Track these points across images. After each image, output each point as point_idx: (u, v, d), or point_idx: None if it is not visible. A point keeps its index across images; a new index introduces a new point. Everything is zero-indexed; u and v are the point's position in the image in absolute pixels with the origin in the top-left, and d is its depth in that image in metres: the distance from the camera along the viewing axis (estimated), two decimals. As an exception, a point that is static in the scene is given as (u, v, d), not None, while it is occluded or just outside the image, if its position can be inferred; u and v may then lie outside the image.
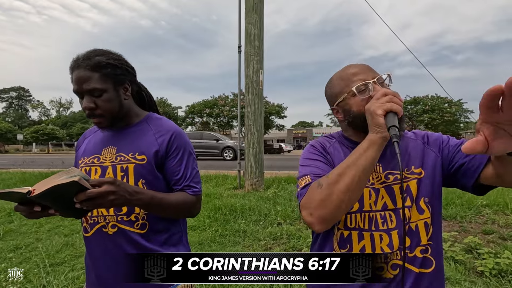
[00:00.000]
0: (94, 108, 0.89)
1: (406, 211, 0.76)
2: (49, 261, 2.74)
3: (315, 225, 0.70)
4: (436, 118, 27.16)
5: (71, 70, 0.90)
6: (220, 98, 28.78)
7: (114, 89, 0.92)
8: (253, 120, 5.35)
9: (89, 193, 0.70)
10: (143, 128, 0.99)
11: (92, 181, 0.73)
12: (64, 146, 42.78)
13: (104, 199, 0.73)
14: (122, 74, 0.93)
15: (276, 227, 3.52)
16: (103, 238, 0.92)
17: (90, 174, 0.95)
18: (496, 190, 4.48)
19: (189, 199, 0.95)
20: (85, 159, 0.98)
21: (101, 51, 0.92)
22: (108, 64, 0.90)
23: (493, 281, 2.21)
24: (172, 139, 0.96)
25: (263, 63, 5.42)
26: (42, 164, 10.62)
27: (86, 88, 0.88)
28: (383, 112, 0.67)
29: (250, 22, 5.28)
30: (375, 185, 0.79)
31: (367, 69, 0.80)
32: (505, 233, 3.10)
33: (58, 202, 0.74)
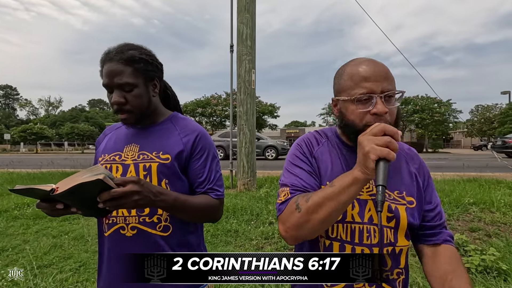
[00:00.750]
0: (124, 103, 0.88)
1: (388, 232, 0.75)
2: (36, 263, 2.68)
3: (288, 241, 0.74)
4: (426, 118, 27.61)
5: (102, 63, 0.88)
6: (212, 98, 28.66)
7: (145, 84, 0.91)
8: (245, 119, 5.35)
9: (114, 192, 0.68)
10: (168, 127, 0.97)
11: (116, 180, 0.71)
12: (53, 146, 41.96)
13: (128, 199, 0.71)
14: (152, 70, 0.92)
15: (268, 226, 3.53)
16: (120, 240, 0.89)
17: (111, 172, 0.93)
18: (483, 189, 4.59)
19: (212, 202, 0.93)
20: (106, 156, 0.96)
21: (133, 45, 0.91)
22: (141, 58, 0.89)
23: (478, 277, 2.26)
24: (198, 140, 0.94)
25: (255, 63, 5.42)
26: (30, 165, 10.40)
27: (118, 82, 0.86)
28: (375, 158, 0.61)
29: (242, 21, 5.27)
30: (363, 195, 0.77)
31: (382, 77, 0.71)
32: (491, 230, 3.18)
33: (81, 201, 0.72)
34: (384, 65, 0.73)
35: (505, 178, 5.41)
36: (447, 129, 32.06)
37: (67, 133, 36.20)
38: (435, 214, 0.82)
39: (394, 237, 0.75)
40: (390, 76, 0.72)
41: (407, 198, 0.78)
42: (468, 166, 7.18)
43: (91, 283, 2.38)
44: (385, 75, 0.71)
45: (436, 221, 0.82)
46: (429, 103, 28.02)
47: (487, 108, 42.59)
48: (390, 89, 0.70)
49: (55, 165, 9.48)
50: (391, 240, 0.75)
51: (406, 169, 0.82)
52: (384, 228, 0.75)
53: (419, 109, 28.15)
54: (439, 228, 0.82)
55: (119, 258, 0.90)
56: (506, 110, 31.39)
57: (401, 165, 0.82)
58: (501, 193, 4.26)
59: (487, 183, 4.99)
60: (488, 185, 4.81)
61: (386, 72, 0.72)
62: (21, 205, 4.64)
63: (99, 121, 54.28)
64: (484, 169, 6.55)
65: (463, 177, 5.52)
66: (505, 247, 2.73)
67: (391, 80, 0.72)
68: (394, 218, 0.75)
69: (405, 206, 0.77)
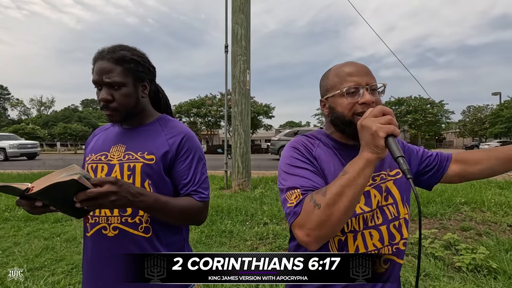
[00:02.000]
0: (111, 100, 0.89)
1: (391, 208, 0.82)
2: (27, 266, 2.64)
3: (311, 244, 0.67)
4: (419, 118, 27.96)
5: (94, 60, 0.90)
6: (207, 98, 28.58)
7: (134, 84, 0.92)
8: (240, 120, 5.35)
9: (89, 192, 0.68)
10: (154, 128, 0.97)
11: (93, 180, 0.70)
12: (45, 146, 41.34)
13: (105, 199, 0.70)
14: (143, 71, 0.94)
15: (262, 227, 3.53)
16: (102, 240, 0.89)
17: (97, 172, 0.93)
18: (474, 188, 4.66)
19: (195, 205, 0.91)
20: (92, 156, 0.96)
21: (127, 46, 0.93)
22: (131, 59, 0.90)
23: (469, 275, 2.30)
24: (184, 141, 0.94)
25: (250, 63, 5.42)
26: (21, 165, 10.23)
27: (106, 80, 0.88)
28: (384, 135, 0.65)
29: (237, 22, 5.27)
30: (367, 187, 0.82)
31: (364, 72, 0.79)
32: (482, 229, 3.23)
33: (58, 200, 0.71)
34: (365, 65, 0.82)
35: (495, 178, 5.50)
36: (440, 130, 32.50)
37: (59, 133, 35.73)
38: (431, 156, 0.93)
39: (396, 210, 0.81)
40: (371, 73, 0.80)
41: (391, 173, 0.84)
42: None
43: (83, 285, 2.35)
44: (367, 71, 0.80)
45: (435, 159, 0.92)
46: (422, 104, 28.39)
47: (478, 109, 43.28)
48: (373, 82, 0.78)
49: (47, 165, 9.34)
50: (395, 215, 0.81)
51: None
52: (385, 207, 0.81)
53: (412, 109, 28.51)
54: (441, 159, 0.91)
55: (101, 258, 0.90)
56: (497, 111, 31.96)
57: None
58: (492, 193, 4.34)
59: (478, 183, 5.07)
60: (479, 185, 4.90)
61: (367, 69, 0.80)
62: (12, 207, 4.56)
63: (92, 121, 53.69)
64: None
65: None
66: (495, 245, 2.78)
67: (372, 76, 0.80)
68: (389, 195, 0.82)
69: (392, 180, 0.83)
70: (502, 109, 30.85)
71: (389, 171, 0.85)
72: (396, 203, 0.82)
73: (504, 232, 3.19)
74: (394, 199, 0.82)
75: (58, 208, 0.75)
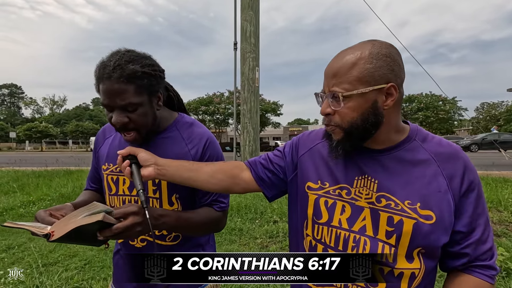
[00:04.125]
0: (128, 123, 0.80)
1: (387, 249, 0.65)
2: (42, 261, 2.70)
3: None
4: (431, 116, 27.41)
5: (99, 79, 0.78)
6: (215, 96, 28.67)
7: (149, 100, 0.82)
8: (249, 118, 5.33)
9: (115, 229, 0.67)
10: (173, 135, 0.91)
11: (117, 214, 0.69)
12: (58, 144, 42.31)
13: (130, 231, 0.70)
14: (156, 83, 0.83)
15: (272, 225, 3.52)
16: (132, 249, 0.90)
17: (118, 184, 0.91)
18: (490, 187, 4.53)
19: (215, 215, 0.90)
20: (111, 166, 0.92)
21: (132, 55, 0.80)
22: (143, 73, 0.78)
23: (487, 277, 2.23)
24: (206, 148, 0.91)
25: (259, 61, 5.39)
26: (35, 163, 10.48)
27: (120, 103, 0.77)
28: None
29: (246, 19, 5.24)
30: (360, 201, 0.69)
31: (329, 74, 0.66)
32: (499, 229, 3.13)
33: (79, 239, 0.71)
34: (344, 57, 0.64)
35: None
36: (452, 127, 31.77)
37: (71, 131, 36.48)
38: (464, 238, 0.65)
39: (393, 257, 0.64)
40: (340, 73, 0.64)
41: (422, 212, 0.63)
42: (474, 164, 7.11)
43: (96, 281, 2.38)
44: (335, 72, 0.64)
45: (462, 248, 0.65)
46: (433, 101, 27.81)
47: (492, 105, 42.14)
48: (332, 90, 0.64)
49: (60, 163, 9.54)
50: (389, 260, 0.64)
51: (431, 173, 0.66)
52: (380, 243, 0.65)
53: (424, 107, 27.94)
54: (464, 258, 0.65)
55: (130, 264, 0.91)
56: (512, 108, 31.00)
57: (421, 168, 0.66)
58: (509, 192, 4.20)
59: (494, 181, 4.93)
60: (495, 184, 4.75)
61: (338, 68, 0.64)
62: (27, 203, 4.68)
63: (103, 119, 54.47)
64: (490, 167, 6.47)
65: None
66: (513, 246, 2.69)
67: (340, 77, 0.63)
68: (394, 234, 0.64)
69: (416, 220, 0.63)
70: (517, 105, 29.93)
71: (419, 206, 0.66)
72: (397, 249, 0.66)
73: (523, 233, 3.08)
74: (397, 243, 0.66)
75: (78, 243, 0.75)
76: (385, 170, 0.68)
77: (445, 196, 0.64)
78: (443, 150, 0.67)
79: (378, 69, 0.62)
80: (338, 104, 0.64)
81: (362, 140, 0.67)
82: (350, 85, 0.62)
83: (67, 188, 5.56)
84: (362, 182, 0.69)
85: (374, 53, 0.62)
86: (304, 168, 0.78)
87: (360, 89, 0.62)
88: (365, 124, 0.64)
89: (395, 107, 0.66)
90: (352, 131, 0.65)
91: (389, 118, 0.66)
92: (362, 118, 0.64)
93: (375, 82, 0.62)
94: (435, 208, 0.63)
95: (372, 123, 0.64)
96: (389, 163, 0.68)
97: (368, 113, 0.63)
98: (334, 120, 0.67)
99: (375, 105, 0.63)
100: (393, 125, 0.68)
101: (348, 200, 0.70)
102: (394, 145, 0.69)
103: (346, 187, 0.71)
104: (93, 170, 1.04)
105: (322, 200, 0.73)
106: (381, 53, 0.62)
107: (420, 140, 0.70)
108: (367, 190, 0.68)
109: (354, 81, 0.62)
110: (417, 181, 0.65)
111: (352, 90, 0.62)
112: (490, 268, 0.65)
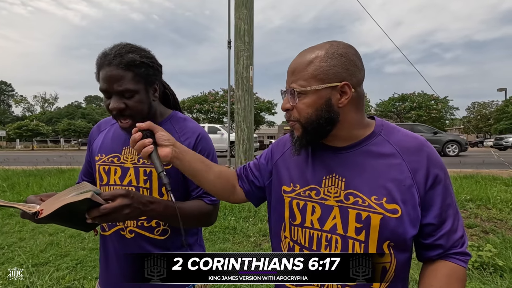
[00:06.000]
0: (124, 109, 0.83)
1: (357, 247, 0.66)
2: (32, 261, 2.67)
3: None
4: (423, 115, 27.73)
5: (100, 66, 0.82)
6: (210, 94, 28.55)
7: (145, 89, 0.85)
8: (243, 116, 5.32)
9: (103, 209, 0.67)
10: (166, 128, 0.90)
11: (105, 195, 0.69)
12: (49, 142, 41.66)
13: (118, 213, 0.70)
14: (153, 74, 0.87)
15: (265, 223, 3.53)
16: (122, 239, 0.90)
17: (109, 174, 0.92)
18: (479, 185, 4.62)
19: (205, 208, 0.91)
20: (103, 157, 0.94)
21: (133, 47, 0.85)
22: (142, 62, 0.83)
23: (475, 273, 2.28)
24: (198, 142, 0.92)
25: (253, 59, 5.38)
26: (26, 161, 10.31)
27: (118, 88, 0.80)
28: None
29: (240, 17, 5.22)
30: (330, 201, 0.69)
31: (289, 72, 0.70)
32: (487, 226, 3.20)
33: (68, 219, 0.71)
34: (304, 55, 0.68)
35: (501, 174, 5.45)
36: (444, 126, 32.21)
37: (63, 130, 35.95)
38: (436, 230, 0.66)
39: (364, 252, 0.65)
40: (297, 70, 0.67)
41: (388, 206, 0.64)
42: (465, 163, 7.22)
43: (88, 281, 2.37)
44: (293, 69, 0.69)
45: (436, 240, 0.66)
46: (426, 100, 28.14)
47: (483, 105, 42.89)
48: (291, 87, 0.68)
49: (51, 162, 9.40)
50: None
51: (396, 167, 0.66)
52: (350, 240, 0.66)
53: (416, 106, 28.27)
54: (438, 249, 0.67)
55: (121, 256, 0.91)
56: (502, 107, 31.62)
57: (386, 162, 0.67)
58: (497, 190, 4.29)
59: (484, 179, 5.02)
60: (484, 182, 4.84)
61: (296, 66, 0.68)
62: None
63: (95, 117, 53.81)
64: (480, 166, 6.59)
65: (460, 174, 5.54)
66: (501, 243, 2.76)
67: (298, 74, 0.67)
68: (363, 230, 0.65)
69: (383, 215, 0.64)
70: (507, 105, 30.52)
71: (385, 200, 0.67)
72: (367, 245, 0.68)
73: (510, 230, 3.15)
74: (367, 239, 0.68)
75: (66, 225, 0.74)
76: (350, 167, 0.69)
77: (409, 190, 0.65)
78: (408, 144, 0.69)
79: (333, 67, 0.64)
80: (294, 100, 0.68)
81: (319, 136, 0.70)
82: (305, 81, 0.66)
83: (58, 187, 5.48)
84: (330, 181, 0.71)
85: (330, 53, 0.65)
86: (279, 173, 0.80)
87: (314, 86, 0.65)
88: (319, 120, 0.66)
89: (351, 105, 0.68)
90: (307, 126, 0.68)
91: (346, 115, 0.68)
92: (317, 114, 0.66)
93: (329, 80, 0.65)
94: (400, 202, 0.64)
95: (326, 119, 0.66)
96: (354, 160, 0.70)
97: (322, 110, 0.66)
98: (294, 115, 0.70)
99: (329, 102, 0.66)
100: (352, 122, 0.69)
101: (317, 200, 0.71)
102: (358, 141, 0.71)
103: (315, 187, 0.72)
104: (86, 165, 1.06)
105: (295, 202, 0.74)
106: (337, 52, 0.65)
107: (385, 135, 0.71)
108: (335, 188, 0.70)
109: (309, 78, 0.65)
110: (382, 175, 0.67)
111: (306, 87, 0.66)
112: (463, 254, 0.68)
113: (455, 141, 11.83)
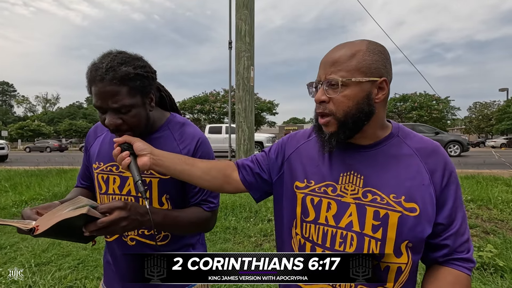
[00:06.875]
0: (121, 124, 0.80)
1: (373, 244, 0.66)
2: (35, 261, 2.68)
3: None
4: (424, 115, 27.65)
5: (92, 82, 0.77)
6: (211, 95, 28.55)
7: (142, 102, 0.82)
8: (244, 117, 5.33)
9: (100, 223, 0.67)
10: (165, 135, 0.91)
11: (101, 208, 0.69)
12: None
13: (116, 226, 0.70)
14: (149, 84, 0.83)
15: (266, 223, 3.53)
16: (124, 246, 0.91)
17: (108, 183, 0.91)
18: (480, 186, 4.61)
19: (203, 215, 0.90)
20: (101, 165, 0.92)
21: (124, 57, 0.79)
22: (136, 75, 0.78)
23: (475, 274, 2.28)
24: (197, 148, 0.91)
25: (254, 60, 5.39)
26: (28, 161, 10.35)
27: (113, 106, 0.76)
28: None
29: (240, 18, 5.23)
30: (346, 198, 0.69)
31: (328, 63, 0.67)
32: (488, 227, 3.20)
33: (65, 234, 0.71)
34: (343, 48, 0.67)
35: (502, 175, 5.44)
36: (445, 126, 32.13)
37: (65, 130, 36.03)
38: (444, 230, 0.67)
39: (380, 251, 0.65)
40: (339, 61, 0.66)
41: (406, 205, 0.65)
42: (466, 163, 7.21)
43: (89, 280, 2.38)
44: (335, 60, 0.66)
45: (443, 240, 0.67)
46: (427, 100, 28.06)
47: (485, 105, 42.73)
48: (330, 78, 0.66)
49: (52, 162, 9.44)
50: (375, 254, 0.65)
51: (415, 167, 0.68)
52: (367, 238, 0.66)
53: (417, 106, 28.20)
54: (444, 249, 0.68)
55: (125, 256, 0.91)
56: (504, 107, 31.52)
57: (405, 163, 0.69)
58: (498, 190, 4.28)
59: (485, 180, 5.01)
60: (485, 182, 4.83)
61: (338, 57, 0.66)
62: (19, 203, 4.62)
63: (96, 118, 53.61)
64: (481, 166, 6.58)
65: (461, 174, 5.53)
66: (502, 244, 2.75)
67: (340, 65, 0.65)
68: (380, 227, 0.65)
69: (401, 213, 0.64)
70: (509, 105, 30.43)
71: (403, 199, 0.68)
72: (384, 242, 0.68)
73: (511, 230, 3.15)
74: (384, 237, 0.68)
75: (64, 239, 0.75)
76: (371, 165, 0.70)
77: (428, 189, 0.66)
78: (425, 146, 0.71)
79: (375, 62, 0.65)
80: (334, 92, 0.66)
81: (355, 131, 0.68)
82: (348, 73, 0.65)
83: (60, 187, 5.51)
84: (348, 179, 0.71)
85: (371, 48, 0.66)
86: (292, 168, 0.79)
87: (358, 78, 0.65)
88: (359, 113, 0.66)
89: (383, 103, 0.69)
90: (346, 120, 0.66)
91: (378, 112, 0.69)
92: (357, 107, 0.66)
93: (371, 74, 0.65)
94: (419, 201, 0.65)
95: (366, 113, 0.66)
96: (375, 158, 0.70)
97: (362, 103, 0.66)
98: (329, 108, 0.67)
99: (369, 96, 0.66)
100: (380, 120, 0.71)
101: (333, 197, 0.71)
102: (379, 141, 0.72)
103: (332, 184, 0.72)
104: (84, 168, 1.05)
105: (309, 198, 0.74)
106: (377, 49, 0.67)
107: (403, 137, 0.72)
108: (353, 186, 0.70)
109: (353, 70, 0.65)
110: (401, 175, 0.68)
111: (350, 78, 0.65)
112: (468, 261, 0.68)
113: (457, 141, 11.81)
